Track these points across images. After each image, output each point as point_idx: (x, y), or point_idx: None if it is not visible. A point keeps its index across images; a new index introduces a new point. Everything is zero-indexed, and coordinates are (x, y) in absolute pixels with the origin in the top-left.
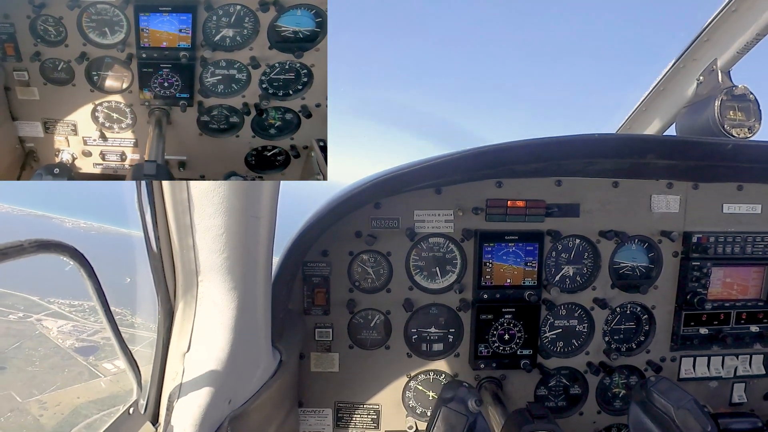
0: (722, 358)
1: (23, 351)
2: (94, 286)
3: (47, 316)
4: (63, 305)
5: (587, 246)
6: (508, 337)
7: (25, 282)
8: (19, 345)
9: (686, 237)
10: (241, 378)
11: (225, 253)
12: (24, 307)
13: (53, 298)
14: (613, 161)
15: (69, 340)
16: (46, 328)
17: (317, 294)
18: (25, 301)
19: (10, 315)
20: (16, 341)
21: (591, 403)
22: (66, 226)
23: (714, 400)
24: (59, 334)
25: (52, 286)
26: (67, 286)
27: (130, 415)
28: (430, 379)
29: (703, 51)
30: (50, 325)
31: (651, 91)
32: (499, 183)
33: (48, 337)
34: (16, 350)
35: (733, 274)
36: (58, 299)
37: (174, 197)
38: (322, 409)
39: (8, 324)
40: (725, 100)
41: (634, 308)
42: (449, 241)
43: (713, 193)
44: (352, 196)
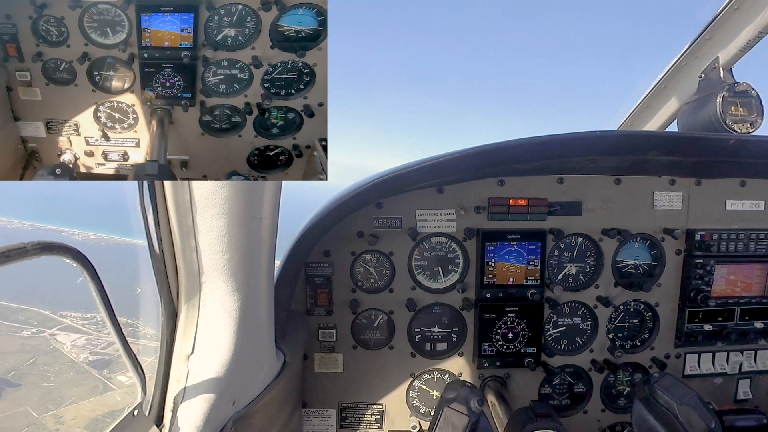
0: (727, 355)
1: (38, 367)
2: (97, 288)
3: (60, 330)
4: (76, 318)
5: (590, 244)
6: (512, 336)
7: (37, 295)
8: (33, 361)
9: (689, 234)
10: (244, 379)
11: (228, 254)
12: (37, 322)
13: (66, 311)
14: (615, 158)
15: (83, 354)
16: (60, 343)
17: (320, 294)
18: (39, 316)
19: (24, 330)
20: (30, 357)
21: (595, 402)
22: (76, 238)
23: (719, 397)
24: (73, 348)
25: (64, 298)
26: (80, 299)
27: (134, 417)
28: (434, 378)
29: (705, 48)
30: (64, 340)
31: (653, 88)
32: (501, 181)
33: (62, 352)
34: (30, 366)
35: (736, 272)
36: (71, 312)
37: (176, 198)
38: (325, 409)
39: (22, 340)
40: (727, 97)
41: (638, 306)
42: (451, 241)
43: (716, 190)
44: (353, 196)
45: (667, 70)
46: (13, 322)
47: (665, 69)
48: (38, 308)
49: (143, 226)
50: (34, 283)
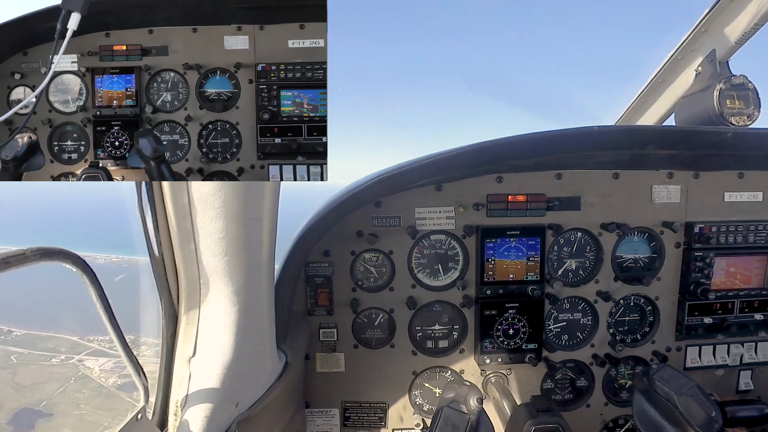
0: (728, 346)
1: (68, 395)
2: (97, 293)
3: (88, 355)
4: (103, 342)
5: (589, 239)
6: (513, 332)
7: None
8: (63, 389)
9: (688, 227)
10: (247, 381)
11: (227, 256)
12: (65, 349)
13: (93, 335)
14: (613, 153)
15: (111, 378)
16: (89, 368)
17: (320, 294)
18: (67, 342)
19: (53, 359)
20: (60, 386)
21: (598, 395)
22: (99, 262)
23: (720, 389)
24: (101, 372)
25: (91, 324)
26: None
27: (138, 421)
28: (436, 376)
29: (701, 42)
30: (92, 365)
31: (650, 82)
32: (500, 178)
33: (91, 378)
34: (61, 395)
35: (736, 264)
36: (97, 336)
37: (175, 201)
38: (329, 409)
39: (51, 368)
40: (724, 89)
41: (638, 300)
42: (451, 238)
43: (714, 182)
44: (352, 196)
45: (663, 64)
46: (42, 351)
47: (662, 63)
48: (66, 335)
49: (142, 229)
50: (61, 311)
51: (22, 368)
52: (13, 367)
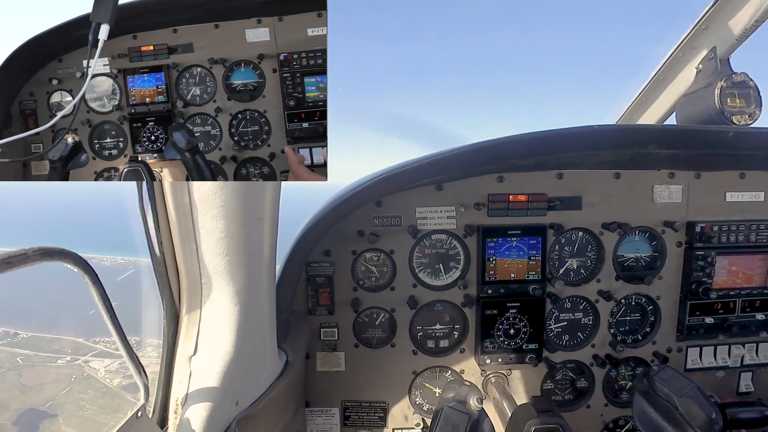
0: (728, 347)
1: (73, 395)
2: (98, 293)
3: (94, 356)
4: (109, 343)
5: (590, 238)
6: (514, 332)
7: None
8: (68, 390)
9: (690, 226)
10: (247, 380)
11: (228, 256)
12: (71, 350)
13: (98, 337)
14: (614, 152)
15: (116, 379)
16: (94, 369)
17: (321, 294)
18: (73, 344)
19: (59, 360)
20: (65, 387)
21: (598, 396)
22: (105, 264)
23: (721, 390)
24: (107, 373)
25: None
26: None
27: (138, 419)
28: (437, 375)
29: (701, 39)
30: (97, 366)
31: (650, 81)
32: (501, 178)
33: (96, 378)
34: (66, 395)
35: (737, 263)
36: (103, 338)
37: (176, 201)
38: (329, 408)
39: (57, 369)
40: (725, 88)
41: (639, 299)
42: (452, 238)
43: (716, 182)
44: (353, 195)
45: (663, 63)
46: (47, 352)
47: (662, 61)
48: (72, 336)
49: (143, 228)
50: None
51: (28, 369)
52: (19, 368)
